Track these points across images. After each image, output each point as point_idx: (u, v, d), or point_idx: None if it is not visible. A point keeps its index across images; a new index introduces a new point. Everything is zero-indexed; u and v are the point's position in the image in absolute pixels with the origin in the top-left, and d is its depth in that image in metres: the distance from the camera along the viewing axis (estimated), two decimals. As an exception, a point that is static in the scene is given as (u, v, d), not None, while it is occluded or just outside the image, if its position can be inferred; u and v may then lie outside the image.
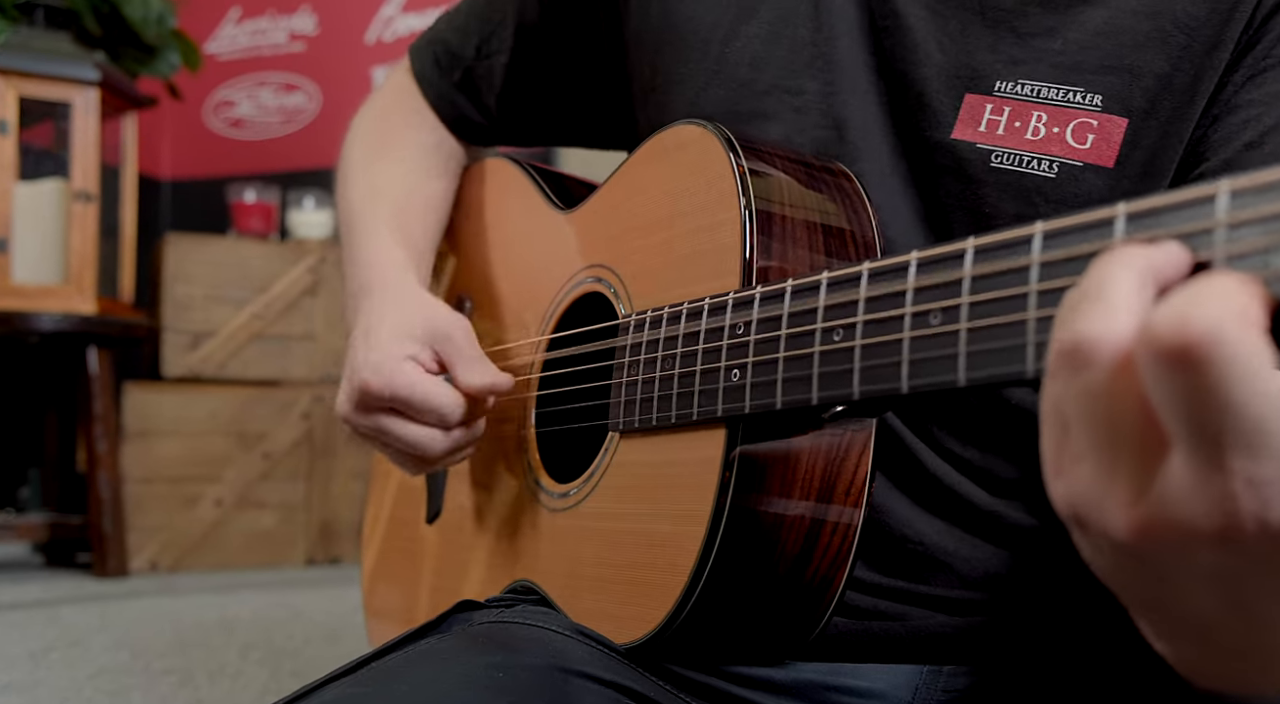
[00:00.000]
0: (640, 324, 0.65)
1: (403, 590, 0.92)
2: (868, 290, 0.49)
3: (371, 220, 0.83)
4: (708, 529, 0.57)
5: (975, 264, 0.44)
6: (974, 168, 0.65)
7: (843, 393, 0.50)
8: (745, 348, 0.56)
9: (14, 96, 2.47)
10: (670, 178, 0.67)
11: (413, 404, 0.71)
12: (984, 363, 0.43)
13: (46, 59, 2.51)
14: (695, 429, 0.60)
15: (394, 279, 0.78)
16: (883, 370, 0.48)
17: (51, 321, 2.40)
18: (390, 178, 0.87)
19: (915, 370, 0.46)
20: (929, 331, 0.45)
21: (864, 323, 0.49)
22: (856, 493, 0.61)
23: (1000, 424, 0.66)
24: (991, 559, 0.68)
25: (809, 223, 0.62)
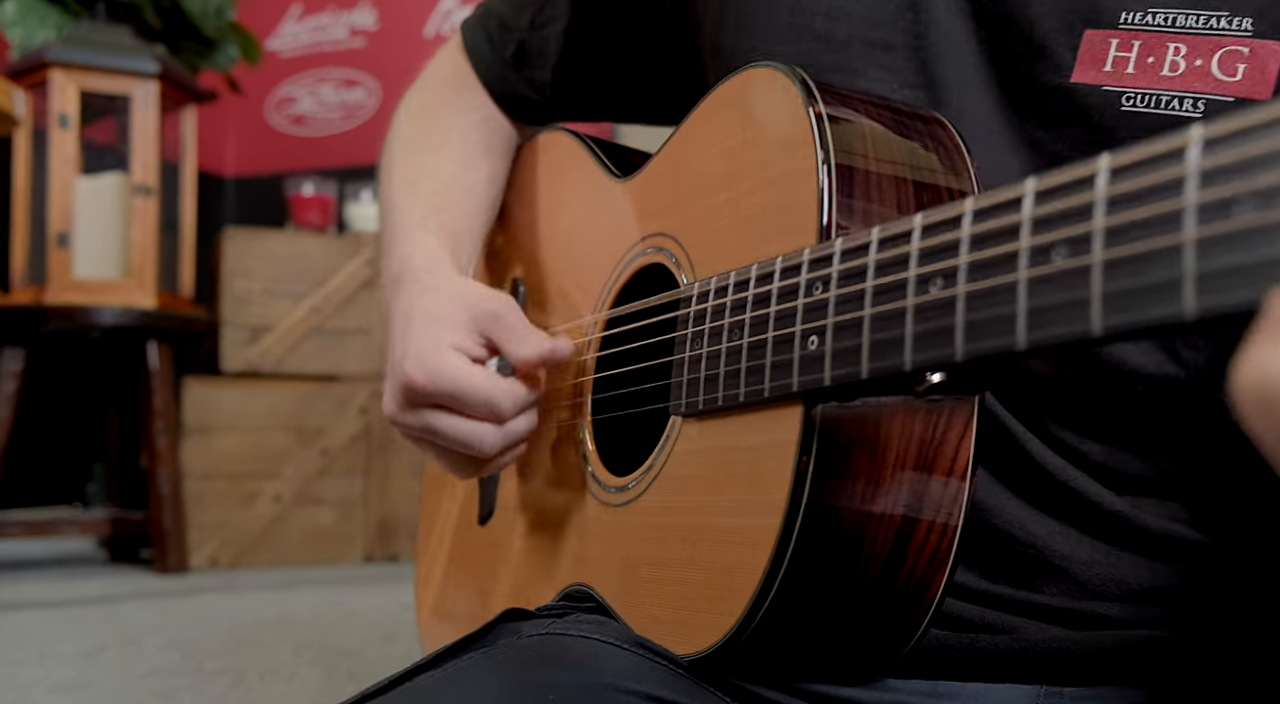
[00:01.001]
0: (703, 294, 0.57)
1: (455, 596, 0.85)
2: (973, 227, 0.41)
3: (406, 212, 0.76)
4: (783, 523, 0.49)
5: (1113, 183, 0.35)
6: (1102, 114, 0.56)
7: (943, 354, 0.41)
8: (824, 309, 0.48)
9: (74, 90, 2.47)
10: (735, 129, 0.59)
11: (461, 396, 0.64)
12: (1125, 305, 0.34)
13: (106, 52, 2.51)
14: (768, 408, 0.52)
15: (426, 267, 0.71)
16: (993, 323, 0.39)
17: (112, 316, 2.39)
18: (430, 166, 0.80)
19: (1035, 320, 0.37)
20: (1051, 269, 0.37)
21: (968, 266, 0.40)
22: (956, 483, 0.52)
23: (1130, 413, 0.57)
24: (1116, 565, 0.59)
25: (898, 177, 0.54)
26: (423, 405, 0.65)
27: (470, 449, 0.65)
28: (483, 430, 0.65)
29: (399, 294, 0.71)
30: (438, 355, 0.65)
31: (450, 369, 0.64)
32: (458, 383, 0.64)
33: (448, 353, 0.65)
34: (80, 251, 2.46)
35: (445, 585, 0.87)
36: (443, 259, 0.73)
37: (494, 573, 0.78)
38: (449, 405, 0.65)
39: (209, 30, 2.86)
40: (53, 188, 2.44)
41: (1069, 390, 0.59)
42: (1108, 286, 0.35)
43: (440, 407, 0.65)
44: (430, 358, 0.64)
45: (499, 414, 0.65)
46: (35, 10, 2.71)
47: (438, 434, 0.65)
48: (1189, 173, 0.33)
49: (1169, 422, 0.58)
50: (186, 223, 2.69)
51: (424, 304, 0.68)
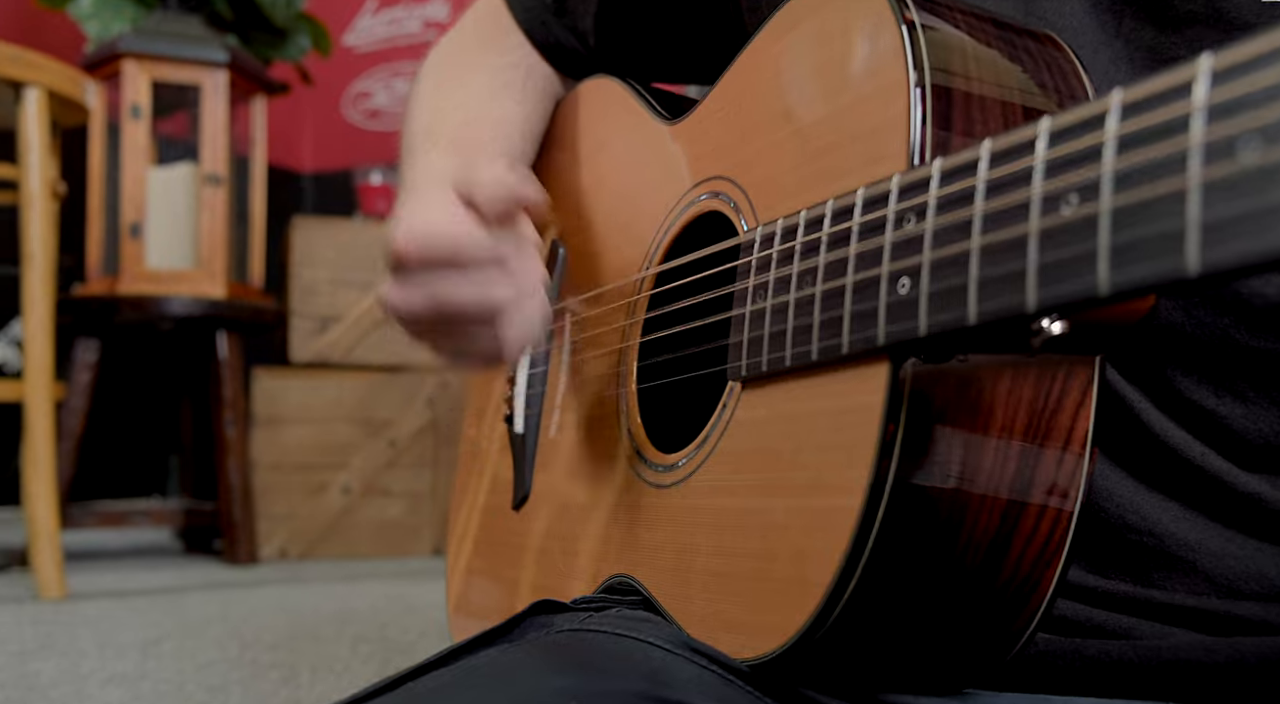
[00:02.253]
0: (767, 238, 0.49)
1: (488, 589, 0.78)
2: (1122, 126, 0.32)
3: (425, 147, 0.69)
4: (864, 505, 0.41)
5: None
6: (1237, 9, 0.47)
7: (1082, 287, 0.32)
8: (918, 243, 0.39)
9: (146, 80, 2.46)
10: (806, 50, 0.51)
11: (454, 246, 0.56)
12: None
13: (177, 43, 2.50)
14: (845, 368, 0.43)
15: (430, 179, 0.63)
16: (1150, 244, 0.30)
17: (181, 306, 2.38)
18: (456, 100, 0.73)
19: (1214, 235, 0.28)
20: (1235, 168, 0.28)
21: (1117, 175, 0.31)
22: (1073, 459, 0.44)
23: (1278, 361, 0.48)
24: (1254, 557, 0.50)
25: (1005, 101, 0.45)
26: (419, 275, 0.57)
27: (483, 304, 0.56)
28: (490, 275, 0.56)
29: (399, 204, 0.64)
30: (422, 218, 0.57)
31: (437, 224, 0.56)
32: (447, 233, 0.56)
33: (433, 212, 0.57)
34: (152, 242, 2.46)
35: (477, 577, 0.80)
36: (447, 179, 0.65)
37: (529, 563, 0.71)
38: (448, 263, 0.56)
39: (279, 20, 2.85)
40: (125, 179, 2.45)
41: (1204, 338, 0.49)
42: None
43: (438, 271, 0.56)
44: (415, 223, 0.56)
45: (499, 254, 0.56)
46: (111, 3, 2.73)
47: (445, 301, 0.56)
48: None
49: None
50: (256, 212, 2.67)
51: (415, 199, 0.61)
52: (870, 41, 0.46)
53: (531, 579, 0.70)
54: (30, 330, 1.98)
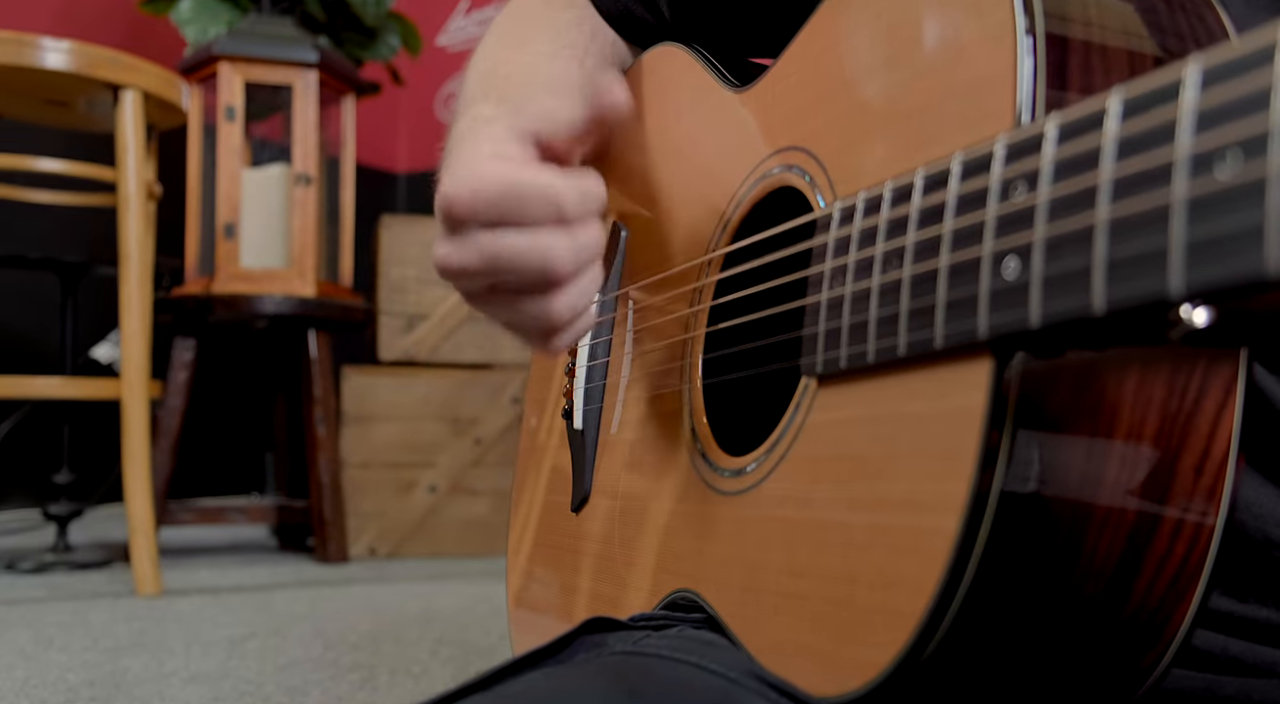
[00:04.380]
0: (846, 214, 0.43)
1: (545, 597, 0.73)
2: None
3: (475, 101, 0.64)
4: (963, 525, 0.35)
5: None
6: None
7: (1243, 268, 0.26)
8: (1029, 218, 0.33)
9: (240, 82, 2.49)
10: (889, 3, 0.45)
11: (509, 197, 0.49)
12: None
13: (270, 44, 2.53)
14: (939, 365, 0.37)
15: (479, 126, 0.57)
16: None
17: (273, 304, 2.40)
18: (511, 58, 0.68)
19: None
20: None
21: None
22: (1212, 471, 0.37)
23: None
24: None
25: (1134, 52, 0.38)
26: (472, 230, 0.51)
27: (538, 267, 0.50)
28: (549, 239, 0.50)
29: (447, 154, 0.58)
30: (477, 165, 0.51)
31: (491, 173, 0.50)
32: (500, 182, 0.49)
33: (488, 161, 0.51)
34: (246, 242, 2.49)
35: (535, 578, 0.75)
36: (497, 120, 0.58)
37: (588, 569, 0.66)
38: (500, 220, 0.50)
39: (369, 19, 2.86)
40: (220, 180, 2.48)
41: None
42: None
43: (493, 226, 0.50)
44: (466, 172, 0.50)
45: (564, 210, 0.49)
46: (208, 7, 2.78)
47: (499, 259, 0.50)
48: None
49: None
50: (346, 212, 2.69)
51: (462, 146, 0.55)
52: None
53: (590, 586, 0.65)
54: (127, 330, 2.01)
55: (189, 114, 2.42)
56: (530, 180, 0.49)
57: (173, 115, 2.21)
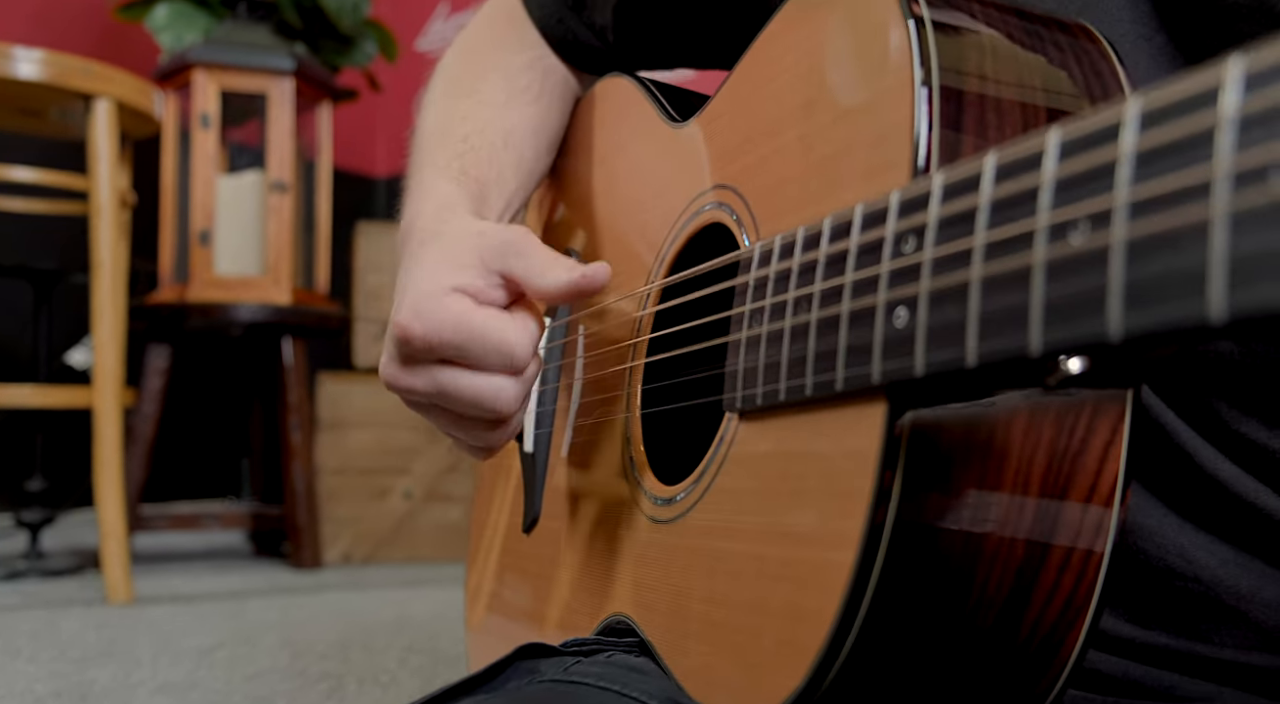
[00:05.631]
0: (765, 256, 0.45)
1: (500, 615, 0.75)
2: (1141, 140, 0.27)
3: (429, 162, 0.66)
4: (858, 558, 0.37)
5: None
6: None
7: (1090, 331, 0.28)
8: (917, 271, 0.35)
9: (215, 90, 2.50)
10: (812, 48, 0.47)
11: (469, 344, 0.52)
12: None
13: (246, 51, 2.53)
14: (842, 406, 0.39)
15: (433, 217, 0.60)
16: (1169, 283, 0.26)
17: (248, 312, 2.41)
18: (464, 109, 0.70)
19: (1243, 275, 0.24)
20: (1267, 198, 0.23)
21: (1131, 204, 0.27)
22: (1099, 508, 0.39)
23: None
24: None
25: (1027, 103, 0.40)
26: (425, 362, 0.53)
27: (484, 408, 0.53)
28: (497, 384, 0.52)
29: (405, 248, 0.60)
30: (438, 300, 0.53)
31: (452, 314, 0.52)
32: (460, 328, 0.51)
33: (450, 297, 0.53)
34: (221, 249, 2.50)
35: (490, 597, 0.77)
36: (457, 204, 0.61)
37: (538, 590, 0.67)
38: (453, 358, 0.52)
39: (345, 27, 2.87)
40: (195, 187, 2.48)
41: (1256, 367, 0.44)
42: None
43: (446, 362, 0.53)
44: (428, 304, 0.52)
45: (514, 362, 0.52)
46: (184, 13, 2.78)
47: (447, 395, 0.53)
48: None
49: None
50: (322, 218, 2.70)
51: (427, 254, 0.56)
52: (876, 38, 0.42)
53: (537, 607, 0.66)
54: (99, 338, 2.02)
55: (163, 121, 2.43)
56: (483, 328, 0.52)
57: (146, 124, 2.21)
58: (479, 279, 0.54)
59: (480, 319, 0.52)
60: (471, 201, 0.62)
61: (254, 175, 2.57)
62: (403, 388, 0.54)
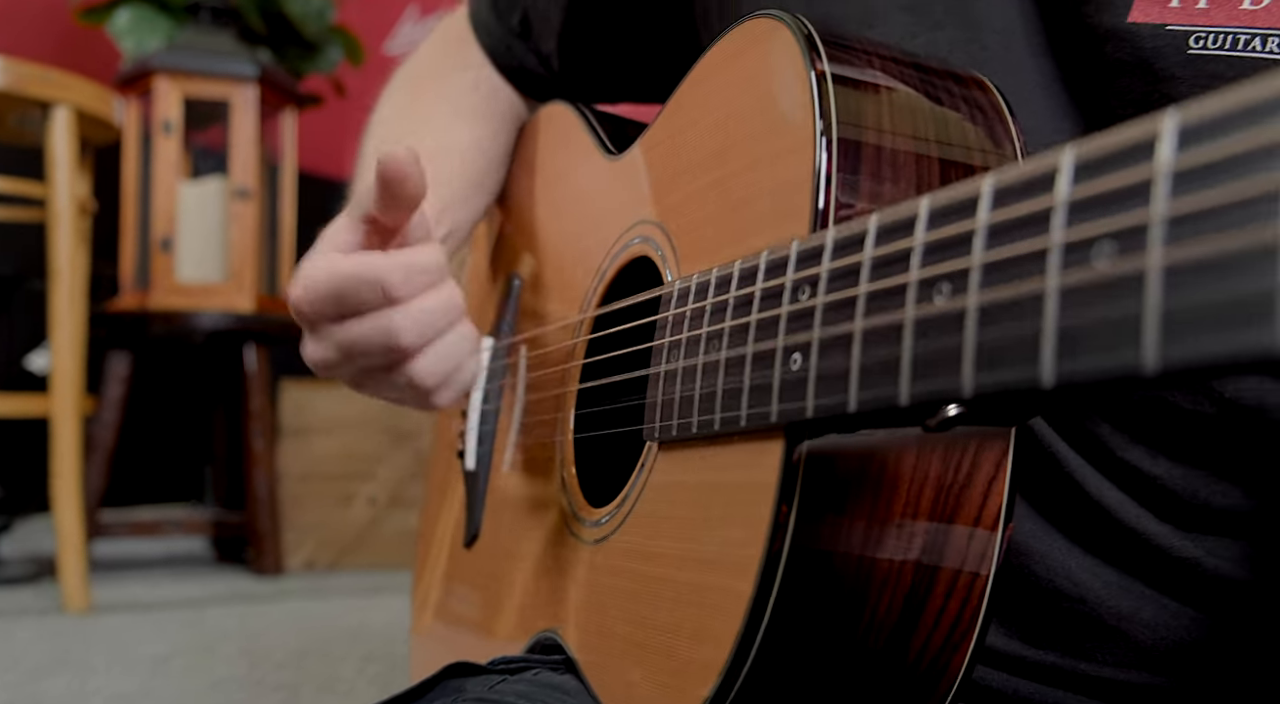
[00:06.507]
0: (682, 294, 0.47)
1: (440, 627, 0.77)
2: (992, 215, 0.30)
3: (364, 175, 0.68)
4: (756, 585, 0.39)
5: (1182, 152, 0.24)
6: (1164, 59, 0.45)
7: (948, 386, 0.31)
8: (810, 318, 0.37)
9: (178, 96, 2.49)
10: (730, 95, 0.49)
11: (343, 290, 0.51)
12: (1199, 329, 0.23)
13: (209, 57, 2.53)
14: (747, 441, 0.42)
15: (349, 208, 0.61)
16: (1011, 347, 0.28)
17: (211, 320, 2.41)
18: (411, 127, 0.72)
19: (1069, 345, 0.27)
20: (1094, 277, 0.26)
21: (984, 268, 0.30)
22: (984, 536, 0.41)
23: (1215, 423, 0.46)
24: (1187, 627, 0.48)
25: (920, 154, 0.43)
26: (322, 327, 0.53)
27: (384, 346, 0.52)
28: (385, 319, 0.51)
29: None
30: (313, 264, 0.53)
31: (322, 269, 0.51)
32: (331, 277, 0.51)
33: (318, 258, 0.53)
34: (183, 256, 2.49)
35: (433, 608, 0.79)
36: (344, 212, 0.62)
37: (476, 604, 0.70)
38: (342, 312, 0.52)
39: (310, 33, 2.87)
40: (157, 193, 2.48)
41: (1137, 400, 0.47)
42: (1171, 300, 0.24)
43: (337, 318, 0.53)
44: (306, 270, 0.52)
45: (387, 290, 0.51)
46: (146, 19, 2.77)
47: (344, 349, 0.52)
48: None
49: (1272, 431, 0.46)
50: (286, 225, 2.70)
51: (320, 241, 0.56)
52: (783, 92, 0.44)
53: (475, 621, 0.69)
54: (57, 346, 2.01)
55: (125, 127, 2.43)
56: (351, 270, 0.51)
57: (107, 131, 2.21)
58: (347, 234, 0.54)
59: (347, 263, 0.52)
60: None
61: (217, 182, 2.57)
62: (317, 362, 0.55)
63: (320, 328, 0.53)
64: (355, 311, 0.52)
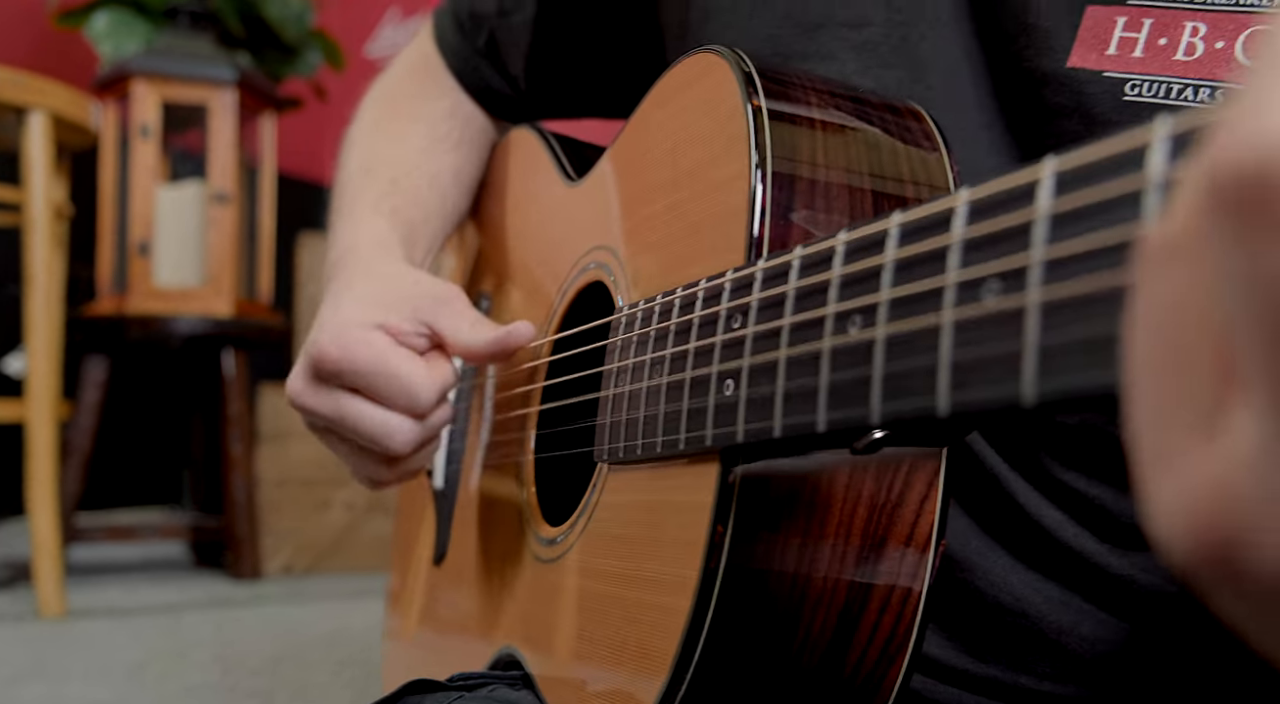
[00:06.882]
0: (630, 321, 0.49)
1: (410, 639, 0.78)
2: (898, 252, 0.32)
3: (358, 199, 0.70)
4: (693, 604, 0.41)
5: (1059, 197, 0.26)
6: (1101, 104, 0.46)
7: (859, 413, 0.32)
8: (741, 346, 0.39)
9: (155, 100, 2.49)
10: (679, 126, 0.51)
11: (376, 379, 0.55)
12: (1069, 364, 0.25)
13: (187, 62, 2.53)
14: (687, 463, 0.43)
15: (371, 252, 0.64)
16: (912, 378, 0.30)
17: (188, 325, 2.41)
18: (390, 154, 0.73)
19: (961, 377, 0.28)
20: (981, 312, 0.28)
21: (890, 303, 0.31)
22: (915, 555, 0.43)
23: None
24: (1122, 641, 0.49)
25: (852, 186, 0.45)
26: (332, 385, 0.56)
27: (380, 444, 0.56)
28: (396, 423, 0.55)
29: (336, 277, 0.63)
30: (360, 332, 0.56)
31: (368, 347, 0.55)
32: (375, 361, 0.55)
33: (373, 332, 0.56)
34: (161, 260, 2.49)
35: (402, 626, 0.81)
36: (391, 245, 0.65)
37: (443, 619, 0.71)
38: (361, 389, 0.56)
39: (289, 37, 2.88)
40: (134, 198, 2.48)
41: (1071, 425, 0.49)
42: (1046, 337, 0.25)
43: (352, 390, 0.56)
44: (349, 333, 0.56)
45: (417, 405, 0.55)
46: (124, 22, 2.76)
47: (345, 422, 0.56)
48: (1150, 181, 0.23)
49: None
50: (265, 230, 2.70)
51: (358, 287, 0.60)
52: (723, 125, 0.46)
53: (444, 635, 0.70)
54: (33, 350, 2.01)
55: (103, 131, 2.43)
56: (395, 366, 0.55)
57: (83, 136, 2.21)
58: (405, 323, 0.57)
59: (395, 357, 0.56)
60: (402, 241, 0.66)
61: (195, 186, 2.57)
62: (307, 406, 0.57)
63: (331, 388, 0.56)
64: (373, 398, 0.55)
